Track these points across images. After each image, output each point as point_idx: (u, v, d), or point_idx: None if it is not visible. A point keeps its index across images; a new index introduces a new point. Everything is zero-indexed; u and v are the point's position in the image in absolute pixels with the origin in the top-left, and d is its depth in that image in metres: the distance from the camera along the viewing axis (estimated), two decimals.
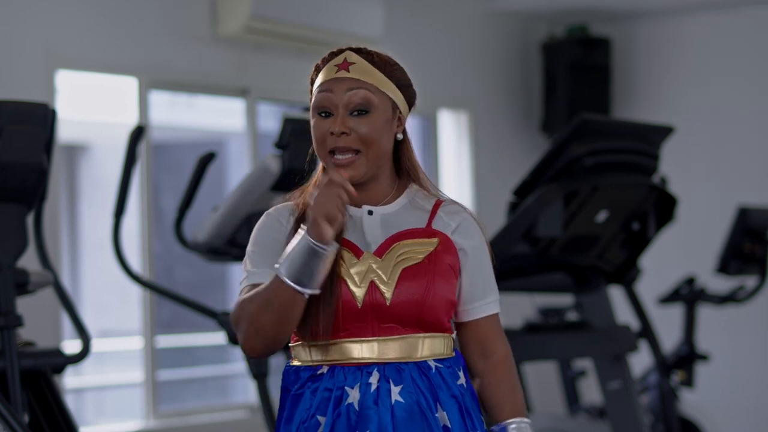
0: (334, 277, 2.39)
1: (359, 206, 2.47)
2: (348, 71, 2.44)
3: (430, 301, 2.41)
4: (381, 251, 2.43)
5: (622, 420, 5.39)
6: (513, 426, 2.49)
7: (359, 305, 2.40)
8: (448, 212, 2.49)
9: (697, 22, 8.58)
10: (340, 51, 2.48)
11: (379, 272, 2.41)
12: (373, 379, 2.39)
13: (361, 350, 2.41)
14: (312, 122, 2.47)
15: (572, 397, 7.04)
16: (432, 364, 2.43)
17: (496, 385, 2.51)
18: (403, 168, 2.51)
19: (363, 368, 2.40)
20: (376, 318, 2.40)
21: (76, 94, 8.40)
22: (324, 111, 2.44)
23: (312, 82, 2.50)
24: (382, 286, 2.40)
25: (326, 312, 2.39)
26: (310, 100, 2.50)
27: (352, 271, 2.41)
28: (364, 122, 2.42)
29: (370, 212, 2.46)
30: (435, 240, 2.44)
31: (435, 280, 2.41)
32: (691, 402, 7.66)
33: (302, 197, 2.50)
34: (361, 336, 2.41)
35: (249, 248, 2.48)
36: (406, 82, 2.50)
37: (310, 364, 2.44)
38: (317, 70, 2.49)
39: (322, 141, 2.44)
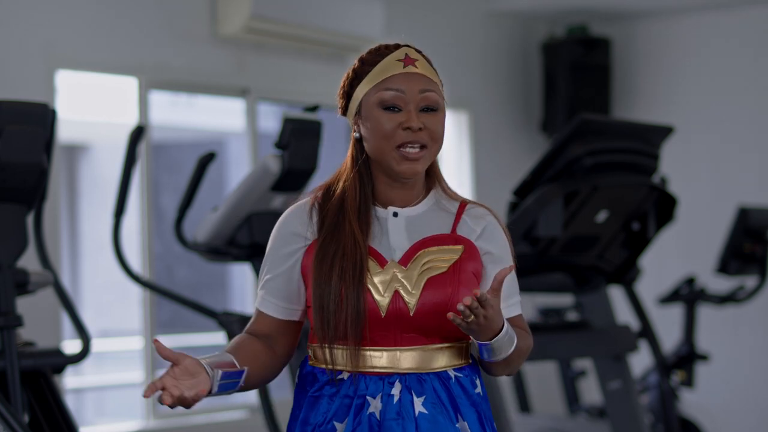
0: (361, 287, 2.38)
1: (386, 206, 2.47)
2: (415, 66, 2.45)
3: (453, 311, 2.38)
4: (406, 260, 2.42)
5: (622, 420, 5.39)
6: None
7: (383, 314, 2.39)
8: (473, 216, 2.48)
9: (696, 22, 8.58)
10: (389, 46, 2.47)
11: (404, 281, 2.40)
12: (395, 390, 2.38)
13: (382, 359, 2.40)
14: (373, 116, 2.43)
15: (572, 397, 7.04)
16: (452, 373, 2.42)
17: None
18: (431, 169, 2.51)
19: (385, 378, 2.39)
20: (398, 327, 2.40)
21: (76, 94, 8.41)
22: (392, 106, 2.43)
23: (356, 75, 2.47)
24: (406, 296, 2.39)
25: (353, 323, 2.38)
26: (346, 92, 2.48)
27: (376, 280, 2.40)
28: (434, 119, 2.44)
29: (395, 214, 2.46)
30: (460, 247, 2.44)
31: (459, 290, 2.40)
32: (691, 402, 7.67)
33: (326, 200, 2.48)
34: (382, 345, 2.40)
35: (264, 259, 2.51)
36: (441, 81, 2.52)
37: (330, 368, 2.42)
38: (363, 63, 2.47)
39: (389, 135, 2.42)
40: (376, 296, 2.39)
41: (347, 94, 2.49)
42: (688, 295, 6.83)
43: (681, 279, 6.97)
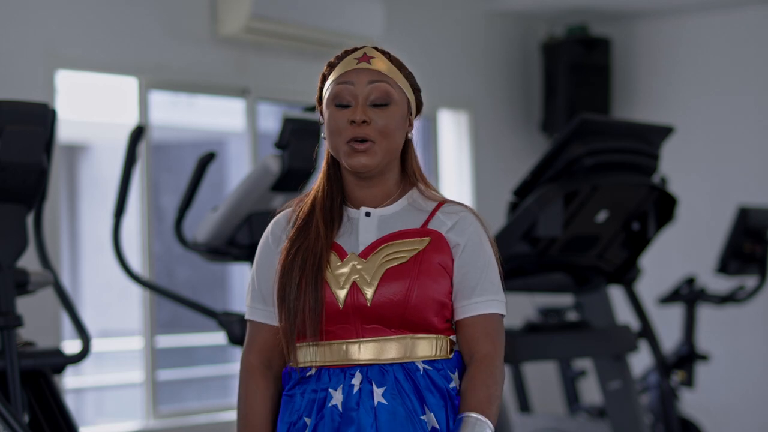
0: (319, 281, 2.39)
1: (358, 207, 2.47)
2: (369, 63, 2.45)
3: (413, 302, 2.38)
4: (367, 252, 2.42)
5: (622, 420, 5.39)
6: (466, 418, 2.37)
7: (341, 306, 2.39)
8: (447, 212, 2.47)
9: (696, 22, 8.58)
10: (356, 49, 2.49)
11: (363, 273, 2.40)
12: (356, 381, 2.39)
13: (346, 352, 2.40)
14: (327, 113, 2.46)
15: (572, 397, 7.04)
16: (420, 365, 2.41)
17: (467, 381, 2.42)
18: (408, 170, 2.50)
19: (346, 370, 2.40)
20: (359, 319, 2.39)
21: (76, 94, 8.41)
22: (342, 102, 2.44)
23: (323, 79, 2.50)
24: (363, 287, 2.39)
25: (311, 315, 2.39)
26: (319, 97, 2.51)
27: (336, 273, 2.41)
28: (384, 114, 2.43)
29: (368, 214, 2.46)
30: (426, 239, 2.42)
31: (419, 280, 2.38)
32: (691, 402, 7.67)
33: (303, 202, 2.51)
34: (344, 338, 2.40)
35: (252, 269, 2.53)
36: (417, 86, 2.52)
37: (301, 365, 2.44)
38: (330, 66, 2.49)
39: (339, 131, 2.43)
40: (335, 289, 2.39)
41: (319, 99, 2.52)
42: (688, 295, 6.83)
43: (681, 279, 6.97)
